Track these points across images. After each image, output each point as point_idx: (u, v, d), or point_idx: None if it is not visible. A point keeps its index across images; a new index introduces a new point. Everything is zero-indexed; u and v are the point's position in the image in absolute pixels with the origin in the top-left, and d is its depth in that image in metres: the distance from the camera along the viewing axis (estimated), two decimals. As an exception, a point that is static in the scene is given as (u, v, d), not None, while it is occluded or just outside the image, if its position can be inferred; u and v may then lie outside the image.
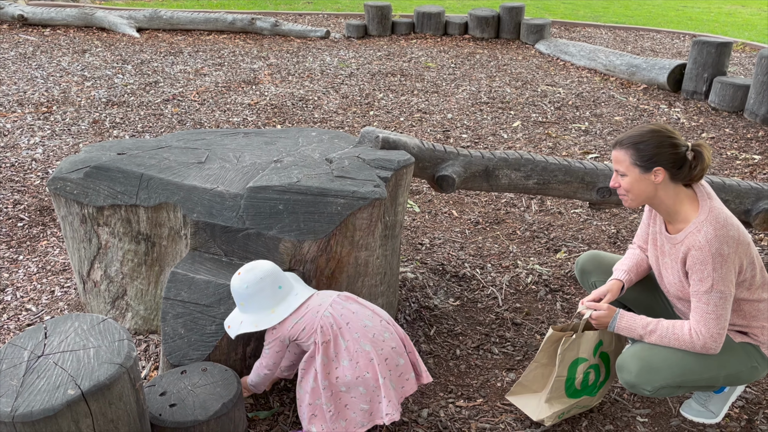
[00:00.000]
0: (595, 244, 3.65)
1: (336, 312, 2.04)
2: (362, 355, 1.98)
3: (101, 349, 1.76)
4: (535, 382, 2.25)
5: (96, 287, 2.69)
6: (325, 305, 2.06)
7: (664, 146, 1.98)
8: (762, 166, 4.87)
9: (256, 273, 2.08)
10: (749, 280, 2.02)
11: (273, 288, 2.08)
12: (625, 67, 7.42)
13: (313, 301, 2.10)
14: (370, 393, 1.99)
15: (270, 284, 2.08)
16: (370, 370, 1.97)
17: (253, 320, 2.07)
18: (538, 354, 2.21)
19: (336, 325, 2.01)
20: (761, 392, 2.45)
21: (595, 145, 5.33)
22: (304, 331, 2.03)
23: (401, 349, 2.06)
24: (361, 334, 2.00)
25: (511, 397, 2.28)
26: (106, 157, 2.64)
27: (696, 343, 1.99)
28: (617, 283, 2.25)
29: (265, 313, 2.07)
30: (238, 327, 2.08)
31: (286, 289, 2.11)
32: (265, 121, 5.65)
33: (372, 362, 1.98)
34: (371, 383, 1.98)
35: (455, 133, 5.53)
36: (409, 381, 2.08)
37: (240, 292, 2.08)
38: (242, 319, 2.08)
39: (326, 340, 1.99)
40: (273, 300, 2.08)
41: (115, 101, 6.08)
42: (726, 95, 6.26)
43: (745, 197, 3.09)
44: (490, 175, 3.06)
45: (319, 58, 8.32)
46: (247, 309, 2.08)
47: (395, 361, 2.03)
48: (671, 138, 1.98)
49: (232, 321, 2.11)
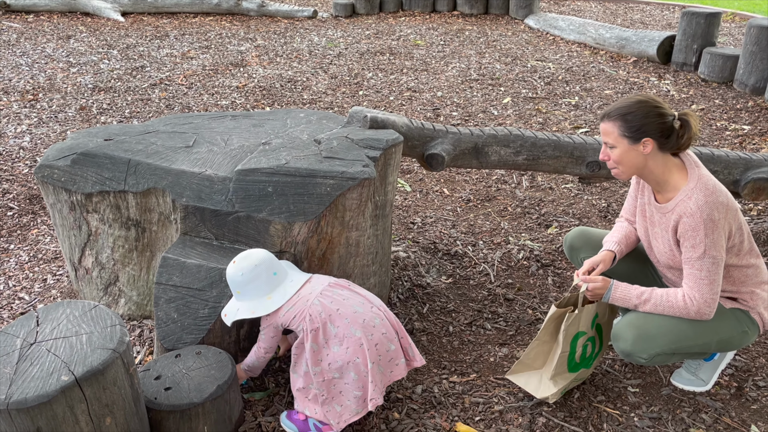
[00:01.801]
0: (586, 219, 3.66)
1: (326, 299, 2.06)
2: (352, 341, 1.99)
3: (94, 335, 1.77)
4: (537, 359, 2.26)
5: (88, 274, 2.69)
6: (315, 293, 2.08)
7: (651, 116, 1.98)
8: (751, 137, 4.89)
9: (251, 260, 2.09)
10: (738, 246, 2.05)
11: (268, 274, 2.10)
12: (615, 40, 7.39)
13: (305, 289, 2.12)
14: (361, 379, 2.01)
15: (265, 270, 2.10)
16: (360, 356, 1.99)
17: (250, 307, 2.09)
18: (541, 332, 2.22)
19: (325, 312, 2.02)
20: (750, 359, 2.48)
21: (586, 119, 5.33)
22: (295, 318, 2.06)
23: (392, 335, 2.07)
24: (351, 320, 2.01)
25: (511, 376, 2.28)
26: (93, 143, 2.62)
27: (690, 309, 2.01)
28: (609, 254, 2.27)
29: (261, 300, 2.09)
30: (234, 314, 2.09)
31: (281, 275, 2.13)
32: (254, 104, 5.61)
33: (362, 347, 1.99)
34: (362, 368, 2.00)
35: (445, 111, 5.51)
36: (398, 366, 2.09)
37: (236, 280, 2.09)
38: (239, 306, 2.10)
39: (315, 327, 2.01)
40: (268, 286, 2.10)
41: (101, 87, 6.02)
42: (715, 66, 6.26)
43: (734, 167, 3.11)
44: (479, 152, 3.06)
45: (307, 39, 8.24)
46: (243, 296, 2.10)
47: (385, 346, 2.04)
48: (658, 108, 1.99)
49: (229, 309, 2.13)
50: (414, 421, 2.18)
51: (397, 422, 2.17)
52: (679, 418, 2.20)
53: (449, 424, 2.18)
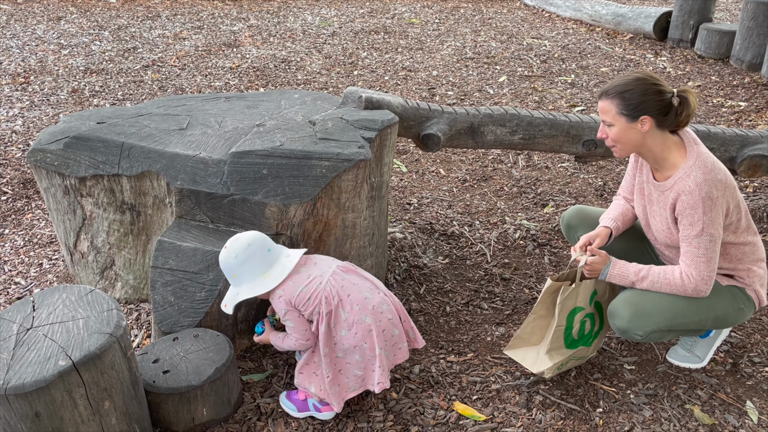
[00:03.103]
0: (582, 197, 3.66)
1: (337, 284, 2.03)
2: (361, 327, 1.99)
3: (90, 319, 1.77)
4: (533, 334, 2.27)
5: (84, 258, 2.68)
6: (326, 276, 2.04)
7: (649, 94, 1.97)
8: (747, 113, 4.87)
9: (242, 241, 2.06)
10: (735, 224, 2.05)
11: (262, 252, 2.06)
12: (611, 16, 7.33)
13: (315, 270, 2.07)
14: (365, 361, 2.02)
15: (259, 249, 2.06)
16: (368, 341, 1.99)
17: (250, 288, 2.04)
18: (536, 306, 2.23)
19: (337, 296, 2.01)
20: (746, 336, 2.50)
21: (582, 97, 5.30)
22: (309, 300, 2.01)
23: (396, 320, 2.07)
24: (361, 306, 2.00)
25: (509, 351, 2.29)
26: (86, 126, 2.59)
27: (687, 287, 2.02)
28: (605, 230, 2.27)
29: (259, 279, 2.05)
30: (234, 299, 2.04)
31: (275, 251, 2.09)
32: (248, 85, 5.57)
33: (371, 333, 1.99)
34: (368, 353, 2.00)
35: (441, 91, 5.48)
36: (401, 350, 2.10)
37: (230, 263, 2.03)
38: (237, 290, 2.07)
39: (329, 310, 1.99)
40: (264, 264, 2.05)
41: (93, 69, 5.96)
42: (712, 42, 6.22)
43: (730, 144, 3.10)
44: (475, 132, 3.04)
45: (301, 18, 8.16)
46: (240, 280, 2.05)
47: (391, 332, 2.05)
48: (656, 85, 1.97)
49: (228, 298, 2.07)
50: (412, 400, 2.19)
51: (395, 402, 2.19)
52: (675, 394, 2.22)
53: (447, 403, 2.19)
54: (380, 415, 2.13)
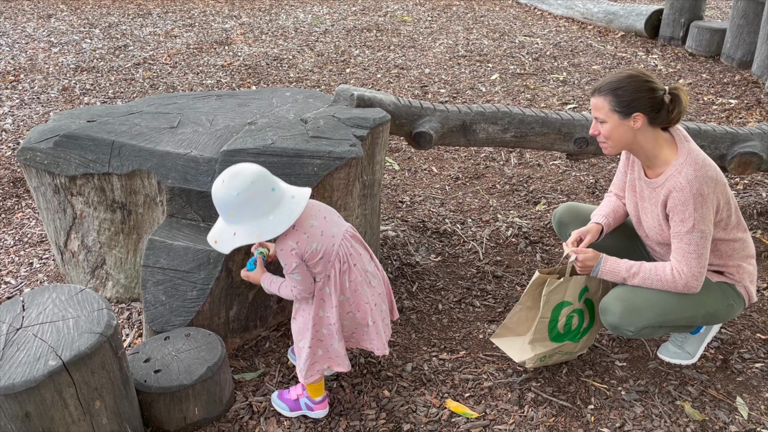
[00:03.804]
0: (574, 195, 3.67)
1: (347, 249, 1.95)
2: (361, 298, 1.98)
3: (80, 319, 1.76)
4: (520, 324, 2.28)
5: (74, 258, 2.67)
6: (338, 237, 1.94)
7: (642, 91, 1.97)
8: (738, 111, 4.90)
9: (245, 177, 1.80)
10: (725, 220, 2.06)
11: (266, 191, 1.83)
12: (603, 14, 7.35)
13: (327, 228, 1.93)
14: (353, 328, 2.04)
15: (262, 187, 1.82)
16: (360, 310, 2.00)
17: (251, 230, 1.82)
18: (523, 296, 2.24)
19: (347, 263, 1.95)
20: (736, 332, 2.52)
21: (574, 95, 5.32)
22: (322, 259, 1.90)
23: (384, 295, 2.09)
24: (363, 278, 1.98)
25: (495, 339, 2.31)
26: (76, 125, 2.58)
27: (678, 283, 2.03)
28: (596, 226, 2.28)
29: (261, 221, 1.82)
30: (231, 240, 1.82)
31: (279, 191, 1.86)
32: (240, 83, 5.55)
33: (367, 305, 1.99)
34: (361, 322, 2.02)
35: (433, 89, 5.48)
36: (387, 325, 2.12)
37: (229, 201, 1.79)
38: (235, 230, 1.83)
39: (344, 270, 1.95)
40: (268, 204, 1.82)
41: (84, 67, 5.92)
42: (703, 40, 6.24)
43: (721, 142, 3.11)
44: (467, 130, 3.04)
45: (293, 15, 8.14)
46: (239, 218, 1.82)
47: (380, 306, 2.06)
48: (649, 82, 1.98)
49: (221, 235, 1.85)
50: (404, 398, 2.20)
51: (387, 400, 2.19)
52: (666, 391, 2.23)
53: (439, 401, 2.19)
54: (372, 414, 2.13)
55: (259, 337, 2.47)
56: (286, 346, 2.43)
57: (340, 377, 2.29)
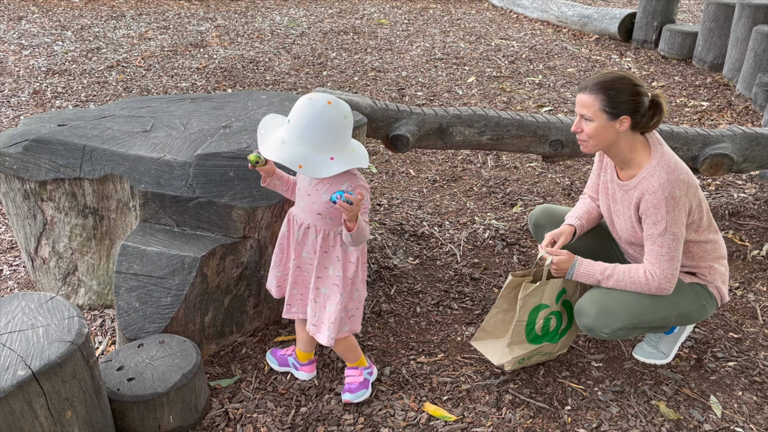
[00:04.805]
0: (550, 197, 3.70)
1: None
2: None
3: (51, 327, 1.72)
4: (497, 327, 2.29)
5: (45, 264, 2.61)
6: None
7: (632, 94, 1.97)
8: (710, 113, 4.98)
9: (345, 104, 1.80)
10: (697, 222, 2.08)
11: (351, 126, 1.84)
12: (577, 18, 7.43)
13: None
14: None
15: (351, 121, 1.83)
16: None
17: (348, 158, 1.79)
18: (498, 300, 2.25)
19: None
20: (709, 332, 2.55)
21: (549, 98, 5.36)
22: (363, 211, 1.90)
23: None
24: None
25: (475, 342, 2.31)
26: (46, 129, 2.53)
27: (651, 285, 2.05)
28: (569, 228, 2.29)
29: (348, 151, 1.80)
30: (328, 165, 1.75)
31: None
32: (215, 86, 5.50)
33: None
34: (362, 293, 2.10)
35: (410, 91, 5.49)
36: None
37: (337, 123, 1.75)
38: (332, 155, 1.76)
39: None
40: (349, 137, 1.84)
41: (55, 70, 5.83)
42: (675, 43, 6.34)
43: (693, 144, 3.16)
44: (444, 133, 3.05)
45: (269, 18, 8.10)
46: (334, 145, 1.77)
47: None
48: (639, 86, 1.98)
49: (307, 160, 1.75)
50: (382, 402, 2.19)
51: (365, 405, 2.18)
52: (641, 390, 2.25)
53: (417, 404, 2.19)
54: (351, 418, 2.12)
55: (235, 343, 2.45)
56: (262, 351, 2.41)
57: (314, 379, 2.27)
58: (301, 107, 1.77)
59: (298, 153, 1.75)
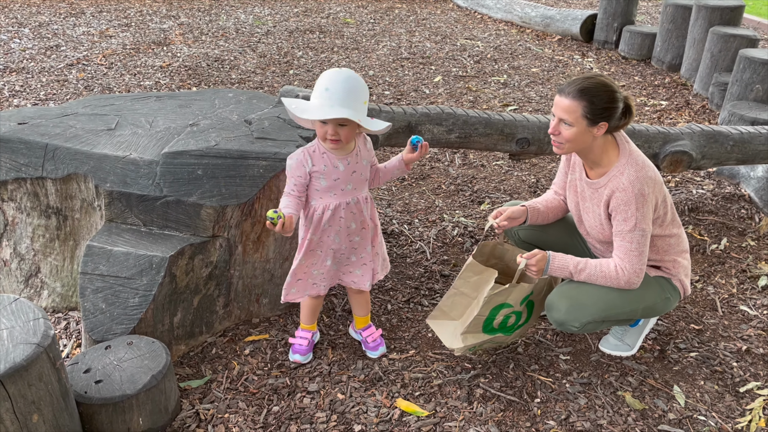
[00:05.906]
0: (516, 194, 3.75)
1: None
2: None
3: (15, 329, 1.68)
4: (454, 308, 2.30)
5: (6, 266, 2.54)
6: None
7: (613, 102, 2.00)
8: (668, 112, 5.11)
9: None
10: (662, 217, 2.14)
11: None
12: (540, 18, 7.54)
13: None
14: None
15: None
16: None
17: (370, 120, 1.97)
18: (457, 281, 2.26)
19: None
20: (672, 324, 2.62)
21: (514, 97, 5.43)
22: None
23: None
24: None
25: (430, 321, 2.33)
26: (6, 127, 2.46)
27: (621, 279, 2.10)
28: (521, 208, 2.31)
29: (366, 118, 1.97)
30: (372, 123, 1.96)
31: None
32: (179, 84, 5.42)
33: None
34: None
35: (378, 90, 5.50)
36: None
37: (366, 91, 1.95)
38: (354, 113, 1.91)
39: None
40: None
41: (13, 68, 5.66)
42: (635, 44, 6.49)
43: (654, 141, 3.24)
44: (413, 131, 3.06)
45: (233, 16, 8.01)
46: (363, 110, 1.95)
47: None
48: (617, 92, 2.01)
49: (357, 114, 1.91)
50: (355, 399, 2.19)
51: (339, 402, 2.18)
52: (608, 382, 2.30)
53: (390, 400, 2.20)
54: (323, 416, 2.11)
55: (205, 344, 2.42)
56: (233, 351, 2.39)
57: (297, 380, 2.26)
58: (336, 76, 1.91)
59: (346, 114, 1.89)
